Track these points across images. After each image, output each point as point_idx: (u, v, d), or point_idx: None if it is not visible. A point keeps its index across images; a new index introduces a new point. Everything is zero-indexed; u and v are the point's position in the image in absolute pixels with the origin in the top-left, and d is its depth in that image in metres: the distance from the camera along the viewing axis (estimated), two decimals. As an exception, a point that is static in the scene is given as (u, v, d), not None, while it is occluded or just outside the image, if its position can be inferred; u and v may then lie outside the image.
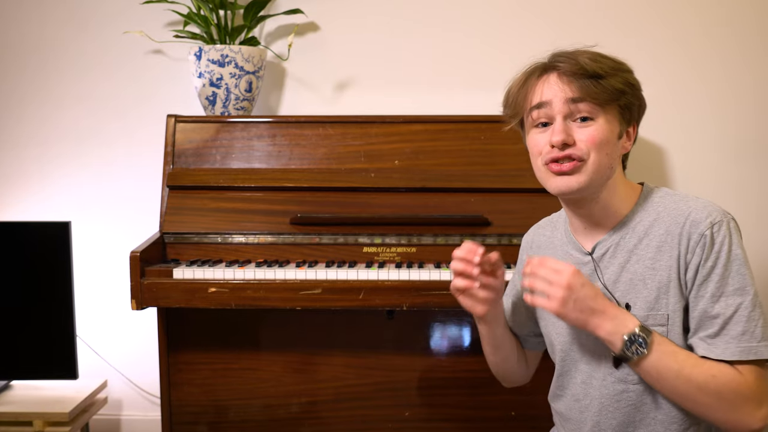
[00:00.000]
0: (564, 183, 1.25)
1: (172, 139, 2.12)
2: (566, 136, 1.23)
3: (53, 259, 2.14)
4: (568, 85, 1.23)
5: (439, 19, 2.41)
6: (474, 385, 2.04)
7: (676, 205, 1.26)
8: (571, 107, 1.23)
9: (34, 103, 2.48)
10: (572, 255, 1.36)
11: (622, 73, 1.25)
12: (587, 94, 1.22)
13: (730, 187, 2.38)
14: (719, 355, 1.18)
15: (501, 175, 2.04)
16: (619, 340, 1.19)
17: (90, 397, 2.25)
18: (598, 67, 1.22)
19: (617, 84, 1.23)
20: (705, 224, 1.21)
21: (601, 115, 1.23)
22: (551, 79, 1.25)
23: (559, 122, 1.24)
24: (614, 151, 1.26)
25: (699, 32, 2.37)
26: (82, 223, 2.43)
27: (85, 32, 2.46)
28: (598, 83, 1.21)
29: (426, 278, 1.84)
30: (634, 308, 1.26)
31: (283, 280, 1.86)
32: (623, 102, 1.25)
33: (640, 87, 1.29)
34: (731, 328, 1.18)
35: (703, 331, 1.21)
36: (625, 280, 1.27)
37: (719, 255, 1.20)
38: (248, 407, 2.09)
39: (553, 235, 1.44)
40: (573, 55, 1.25)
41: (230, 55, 2.20)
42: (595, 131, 1.23)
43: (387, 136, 2.11)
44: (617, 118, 1.26)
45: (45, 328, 2.16)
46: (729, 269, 1.20)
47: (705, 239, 1.20)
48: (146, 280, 1.86)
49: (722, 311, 1.19)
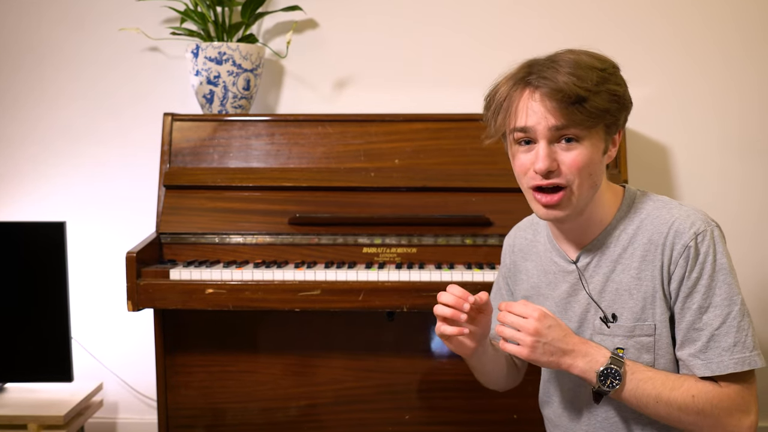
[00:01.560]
0: (552, 214, 1.24)
1: (169, 137, 2.12)
2: (550, 162, 1.20)
3: (48, 259, 2.14)
4: (550, 113, 1.18)
5: (440, 17, 2.41)
6: (475, 388, 2.02)
7: (659, 212, 1.24)
8: (555, 132, 1.20)
9: (29, 101, 2.48)
10: (556, 263, 1.34)
11: (606, 84, 1.19)
12: (571, 121, 1.18)
13: (734, 185, 2.38)
14: (715, 370, 1.18)
15: (503, 174, 2.03)
16: (593, 376, 1.20)
17: (85, 400, 2.25)
18: (581, 87, 1.16)
19: (603, 103, 1.18)
20: (688, 235, 1.20)
21: (586, 137, 1.20)
22: (534, 105, 1.20)
23: (543, 147, 1.20)
24: (599, 169, 1.23)
25: (701, 29, 2.37)
26: (78, 223, 2.42)
27: (80, 30, 2.46)
28: (582, 108, 1.17)
29: (427, 279, 1.84)
30: (621, 318, 1.25)
31: (282, 281, 1.86)
32: (608, 120, 1.21)
33: (626, 87, 1.24)
34: (721, 339, 1.18)
35: (691, 345, 1.20)
36: (610, 290, 1.27)
37: (704, 266, 1.19)
38: (246, 410, 2.09)
39: (535, 239, 1.42)
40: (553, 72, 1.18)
41: (228, 53, 2.20)
42: (579, 156, 1.20)
43: (387, 135, 2.11)
44: (602, 136, 1.22)
45: (40, 330, 2.16)
46: (715, 279, 1.19)
47: (689, 251, 1.19)
48: (142, 281, 1.86)
49: (710, 322, 1.18)
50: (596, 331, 1.28)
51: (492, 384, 1.49)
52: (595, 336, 1.28)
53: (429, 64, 2.42)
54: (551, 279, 1.35)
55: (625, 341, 1.24)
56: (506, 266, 1.49)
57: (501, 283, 1.52)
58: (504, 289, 1.50)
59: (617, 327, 1.25)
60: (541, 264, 1.38)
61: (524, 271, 1.42)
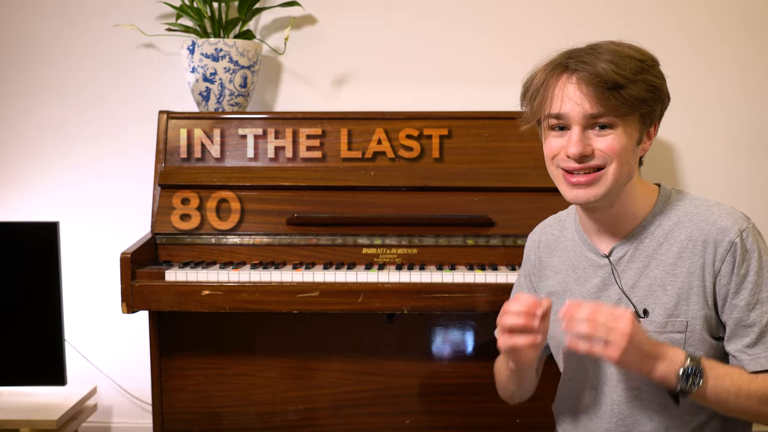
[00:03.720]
0: (582, 194, 1.25)
1: (164, 136, 2.12)
2: (583, 147, 1.23)
3: (41, 260, 2.14)
4: (587, 98, 1.21)
5: (441, 13, 2.41)
6: (477, 392, 2.04)
7: (698, 210, 1.27)
8: (590, 120, 1.23)
9: (21, 99, 2.48)
10: (587, 257, 1.36)
11: (645, 74, 1.22)
12: (607, 108, 1.21)
13: (742, 183, 2.38)
14: (765, 365, 1.21)
15: (505, 173, 2.04)
16: (674, 377, 1.19)
17: (79, 404, 2.25)
18: (619, 74, 1.19)
19: (639, 92, 1.21)
20: (734, 231, 1.23)
21: (620, 125, 1.23)
22: (570, 89, 1.22)
23: (577, 133, 1.23)
24: (633, 158, 1.26)
25: (709, 25, 2.37)
26: (71, 223, 2.42)
27: (73, 26, 2.46)
28: (618, 95, 1.20)
29: (428, 280, 1.84)
30: (653, 314, 1.26)
31: (280, 282, 1.85)
32: (644, 110, 1.24)
33: (663, 81, 1.27)
34: None
35: (739, 340, 1.23)
36: (643, 286, 1.28)
37: (751, 262, 1.22)
38: (243, 414, 2.08)
39: (562, 235, 1.44)
40: (593, 58, 1.21)
41: (224, 49, 2.20)
42: (615, 141, 1.22)
43: (387, 133, 2.11)
44: (637, 126, 1.25)
45: (32, 333, 2.15)
46: (761, 276, 1.23)
47: (736, 247, 1.22)
48: (137, 283, 1.86)
49: (758, 319, 1.22)
50: None
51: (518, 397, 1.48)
52: None
53: (430, 61, 2.41)
54: (581, 274, 1.37)
55: (656, 337, 1.25)
56: (530, 263, 1.50)
57: (522, 281, 1.53)
58: (526, 287, 1.51)
59: (648, 322, 1.27)
60: (570, 259, 1.39)
61: (550, 267, 1.43)
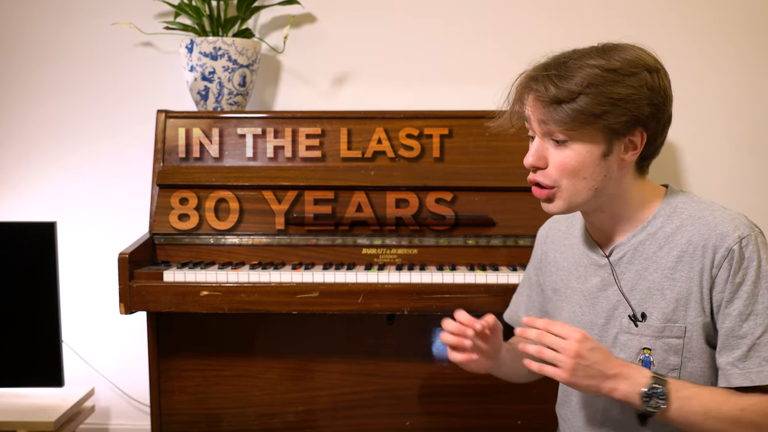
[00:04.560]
0: (546, 209, 1.29)
1: (163, 135, 2.12)
2: (537, 158, 1.25)
3: (38, 261, 2.14)
4: (538, 110, 1.22)
5: (442, 12, 2.41)
6: (478, 393, 2.04)
7: (701, 214, 1.24)
8: (543, 128, 1.23)
9: (19, 98, 2.48)
10: (589, 255, 1.36)
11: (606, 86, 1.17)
12: (553, 120, 1.20)
13: (745, 183, 2.38)
14: (755, 381, 1.17)
15: (506, 173, 2.03)
16: (637, 398, 1.18)
17: (76, 406, 2.25)
18: (564, 89, 1.17)
19: (589, 106, 1.17)
20: (733, 238, 1.19)
21: (574, 140, 1.21)
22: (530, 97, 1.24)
23: (536, 143, 1.26)
24: (596, 173, 1.22)
25: (711, 24, 2.37)
26: (69, 223, 2.42)
27: (71, 24, 2.46)
28: (562, 109, 1.18)
29: (428, 281, 1.84)
30: (650, 318, 1.25)
31: (279, 283, 1.85)
32: (602, 123, 1.19)
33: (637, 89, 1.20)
34: (762, 349, 1.17)
35: (730, 352, 1.20)
36: (642, 288, 1.27)
37: (748, 271, 1.19)
38: (242, 416, 2.08)
39: (568, 232, 1.44)
40: (545, 74, 1.20)
41: (223, 48, 2.20)
42: (566, 158, 1.22)
43: (387, 133, 2.11)
44: (599, 138, 1.21)
45: (29, 334, 2.15)
46: (758, 286, 1.19)
47: (733, 254, 1.19)
48: (135, 283, 1.86)
49: (751, 331, 1.18)
50: (623, 330, 1.28)
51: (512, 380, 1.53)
52: (621, 335, 1.28)
53: (430, 60, 2.41)
54: (582, 272, 1.37)
55: (653, 341, 1.25)
56: (537, 257, 1.52)
57: (531, 274, 1.54)
58: (533, 280, 1.53)
59: (646, 326, 1.26)
60: (573, 256, 1.40)
61: (553, 263, 1.44)
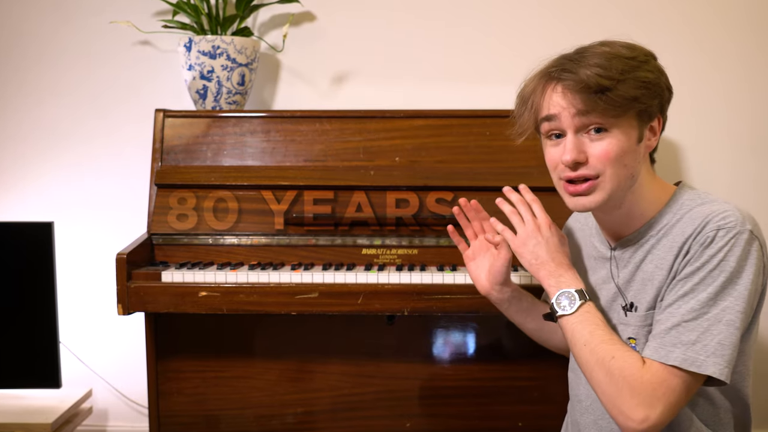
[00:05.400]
0: (581, 204, 1.27)
1: (161, 135, 2.12)
2: (577, 153, 1.23)
3: (35, 261, 2.13)
4: (572, 102, 1.21)
5: (442, 10, 2.41)
6: (479, 395, 2.04)
7: (702, 207, 1.25)
8: (581, 120, 1.22)
9: (16, 97, 2.48)
10: (597, 248, 1.40)
11: (635, 72, 1.21)
12: (595, 109, 1.20)
13: (747, 182, 2.38)
14: (661, 357, 1.15)
15: (507, 172, 2.04)
16: (554, 292, 1.27)
17: (74, 407, 2.25)
18: (605, 77, 1.18)
19: (629, 91, 1.19)
20: (713, 226, 1.19)
21: (614, 126, 1.21)
22: (557, 91, 1.23)
23: (570, 139, 1.23)
24: (634, 159, 1.25)
25: (714, 23, 2.37)
26: (66, 223, 2.42)
27: (69, 23, 2.46)
28: (606, 97, 1.19)
29: (428, 281, 1.84)
30: (639, 308, 1.28)
31: (278, 283, 1.85)
32: (638, 108, 1.22)
33: (660, 74, 1.26)
34: (683, 332, 1.15)
35: (657, 326, 1.19)
36: (638, 280, 1.29)
37: (711, 259, 1.17)
38: (241, 418, 2.08)
39: (585, 224, 1.48)
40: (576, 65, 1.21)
41: (222, 47, 2.20)
42: (609, 146, 1.22)
43: (387, 132, 2.11)
44: (635, 124, 1.23)
45: (26, 335, 2.15)
46: (711, 277, 1.16)
47: (706, 239, 1.18)
48: (133, 284, 1.86)
49: (683, 313, 1.16)
50: (619, 321, 1.31)
51: (545, 345, 1.60)
52: (618, 326, 1.32)
53: (431, 59, 2.41)
54: (591, 264, 1.41)
55: (637, 331, 1.27)
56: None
57: None
58: None
59: (633, 316, 1.28)
60: (585, 248, 1.45)
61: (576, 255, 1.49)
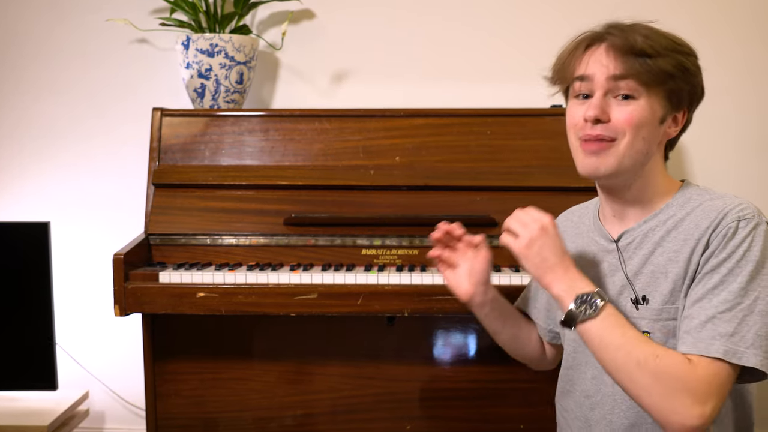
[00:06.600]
0: (591, 164, 1.28)
1: (158, 134, 2.12)
2: (601, 111, 1.25)
3: (31, 262, 2.13)
4: (613, 62, 1.24)
5: (443, 9, 2.41)
6: (480, 397, 2.04)
7: (713, 202, 1.27)
8: (612, 84, 1.25)
9: (12, 96, 2.48)
10: (597, 242, 1.39)
11: (676, 54, 1.25)
12: (631, 72, 1.23)
13: (752, 183, 2.38)
14: (702, 350, 1.15)
15: (508, 172, 2.04)
16: (570, 297, 1.23)
17: (70, 410, 2.25)
18: (648, 45, 1.23)
19: (667, 66, 1.23)
20: (732, 217, 1.21)
21: (644, 96, 1.24)
22: (598, 52, 1.26)
23: (598, 97, 1.26)
24: (653, 136, 1.27)
25: (719, 21, 2.37)
26: (63, 223, 2.42)
27: (65, 21, 2.46)
28: (645, 62, 1.22)
29: (429, 282, 1.84)
30: (652, 301, 1.27)
31: (277, 284, 1.85)
32: (670, 86, 1.25)
33: (698, 73, 1.29)
34: (720, 325, 1.16)
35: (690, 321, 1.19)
36: (647, 273, 1.29)
37: (735, 250, 1.19)
38: (239, 420, 2.08)
39: (580, 222, 1.48)
40: (627, 30, 1.26)
41: (220, 45, 2.20)
42: (634, 110, 1.24)
43: (387, 131, 2.10)
44: (662, 102, 1.26)
45: (22, 336, 2.15)
46: (740, 267, 1.18)
47: (728, 230, 1.20)
48: (130, 285, 1.86)
49: (716, 305, 1.17)
50: (627, 315, 1.29)
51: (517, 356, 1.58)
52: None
53: (431, 58, 2.41)
54: (590, 259, 1.40)
55: (651, 324, 1.26)
56: None
57: None
58: None
59: (646, 310, 1.27)
60: (582, 245, 1.43)
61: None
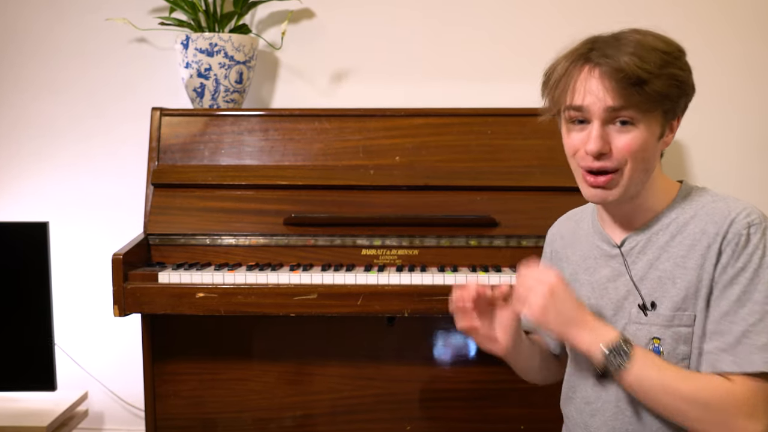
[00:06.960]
0: (599, 196, 1.28)
1: (158, 133, 2.12)
2: (603, 144, 1.23)
3: (30, 262, 2.13)
4: (609, 93, 1.22)
5: (443, 8, 2.41)
6: (480, 397, 2.04)
7: (716, 204, 1.27)
8: (612, 114, 1.23)
9: (11, 96, 2.48)
10: (599, 247, 1.38)
11: (669, 68, 1.23)
12: (630, 103, 1.21)
13: (754, 183, 2.38)
14: (744, 367, 1.18)
15: (509, 172, 2.04)
16: (598, 351, 1.22)
17: (69, 410, 2.25)
18: (642, 69, 1.20)
19: (663, 88, 1.21)
20: (742, 224, 1.21)
21: (642, 121, 1.23)
22: (592, 83, 1.23)
23: (597, 128, 1.24)
24: (653, 154, 1.27)
25: (720, 21, 2.37)
26: (61, 223, 2.42)
27: (64, 20, 2.46)
28: (642, 90, 1.20)
29: (429, 282, 1.84)
30: (661, 307, 1.27)
31: (276, 284, 1.85)
32: (667, 106, 1.24)
33: (689, 73, 1.28)
34: (754, 337, 1.18)
35: (721, 338, 1.21)
36: (653, 278, 1.29)
37: (751, 258, 1.20)
38: (238, 421, 2.08)
39: (578, 227, 1.46)
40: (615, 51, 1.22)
41: (219, 44, 2.20)
42: (634, 139, 1.23)
43: (387, 131, 2.10)
44: (659, 120, 1.25)
45: (21, 336, 2.15)
46: (759, 275, 1.20)
47: (740, 238, 1.21)
48: (129, 285, 1.86)
49: (746, 317, 1.19)
50: (632, 320, 1.29)
51: (529, 377, 1.54)
52: (630, 325, 1.29)
53: (431, 57, 2.41)
54: (591, 264, 1.39)
55: (662, 331, 1.26)
56: (546, 257, 1.54)
57: None
58: None
59: (655, 316, 1.27)
60: (582, 250, 1.42)
61: (565, 259, 1.47)
